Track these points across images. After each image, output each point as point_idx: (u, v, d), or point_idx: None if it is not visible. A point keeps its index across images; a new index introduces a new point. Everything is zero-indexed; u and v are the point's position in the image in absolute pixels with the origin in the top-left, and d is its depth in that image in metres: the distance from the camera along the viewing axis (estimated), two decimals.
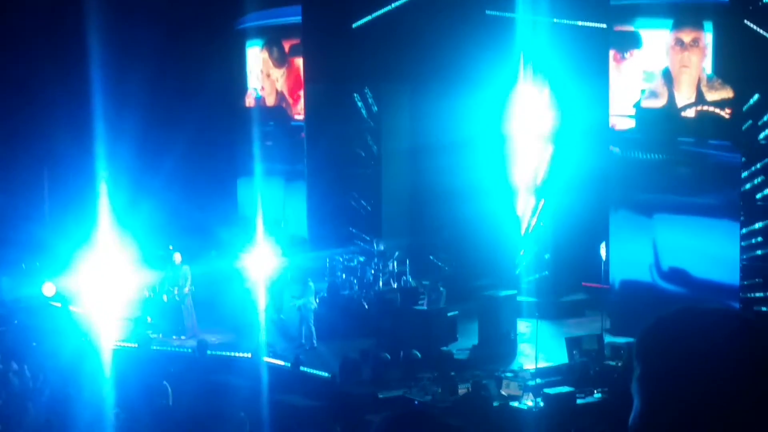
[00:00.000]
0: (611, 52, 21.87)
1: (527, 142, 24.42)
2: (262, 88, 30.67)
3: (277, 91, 30.23)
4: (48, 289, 25.95)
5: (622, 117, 21.80)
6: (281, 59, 30.01)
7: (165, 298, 22.94)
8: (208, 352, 20.93)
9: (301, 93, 29.54)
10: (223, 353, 21.44)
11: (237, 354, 21.33)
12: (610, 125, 22.00)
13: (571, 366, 19.08)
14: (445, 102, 24.69)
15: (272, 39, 30.22)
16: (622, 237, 21.81)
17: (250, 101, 30.99)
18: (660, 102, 21.10)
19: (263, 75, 30.51)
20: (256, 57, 30.66)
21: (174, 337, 22.66)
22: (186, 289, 23.00)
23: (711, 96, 20.26)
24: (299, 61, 29.43)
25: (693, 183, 20.61)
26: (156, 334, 22.69)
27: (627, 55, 21.66)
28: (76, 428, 16.14)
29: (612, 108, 21.93)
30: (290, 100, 29.94)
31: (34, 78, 30.80)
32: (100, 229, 27.81)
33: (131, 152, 29.86)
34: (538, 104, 24.13)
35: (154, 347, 21.49)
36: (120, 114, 29.82)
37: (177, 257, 23.14)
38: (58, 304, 25.29)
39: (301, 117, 29.55)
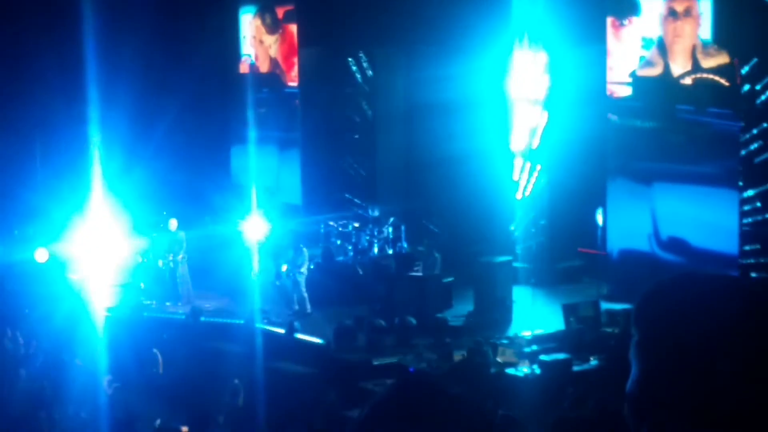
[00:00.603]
0: (610, 19, 21.66)
1: (523, 107, 24.25)
2: (256, 56, 30.43)
3: (270, 57, 30.01)
4: (41, 255, 25.82)
5: (620, 84, 21.62)
6: (273, 25, 29.78)
7: (160, 263, 22.73)
8: (202, 318, 20.84)
9: (295, 59, 29.29)
10: (217, 320, 21.34)
11: (231, 321, 21.23)
12: (607, 92, 21.82)
13: (567, 333, 19.01)
14: (440, 66, 24.49)
15: (265, 5, 29.97)
16: (620, 205, 21.68)
17: (244, 68, 30.76)
18: (656, 71, 20.94)
19: (256, 41, 30.29)
20: (249, 23, 30.42)
21: (168, 303, 22.55)
22: (179, 256, 22.80)
23: (707, 63, 20.09)
24: (293, 28, 29.17)
25: (691, 151, 20.47)
26: (149, 301, 22.57)
27: (626, 22, 21.47)
28: (69, 394, 16.06)
29: (610, 75, 21.75)
30: (284, 67, 29.69)
31: (25, 44, 30.58)
32: (93, 195, 27.68)
33: (124, 119, 29.69)
34: (534, 69, 23.94)
35: (147, 314, 21.37)
36: (113, 80, 29.62)
37: (173, 223, 22.94)
38: (52, 271, 25.17)
39: (295, 84, 29.31)
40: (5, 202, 30.28)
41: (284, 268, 22.70)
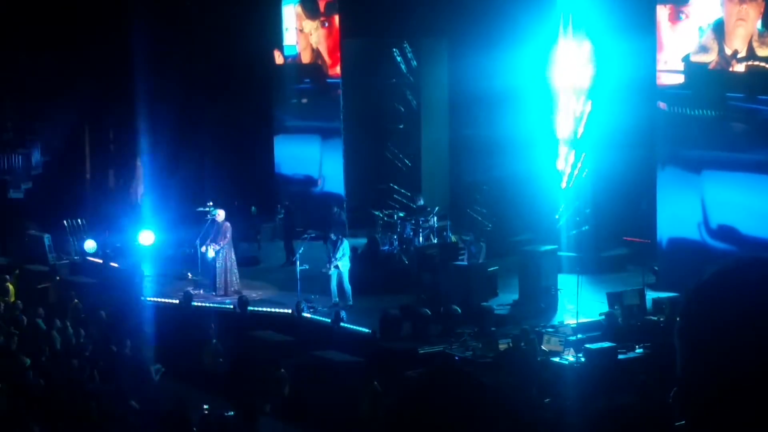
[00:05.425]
0: (663, 8, 21.48)
1: (567, 96, 24.18)
2: (299, 46, 30.48)
3: (312, 47, 30.05)
4: (90, 245, 26.16)
5: (670, 72, 21.43)
6: (314, 11, 29.79)
7: (211, 252, 22.76)
8: (249, 308, 20.98)
9: (337, 50, 29.24)
10: (264, 309, 21.49)
11: (277, 310, 21.37)
12: (657, 80, 21.64)
13: (612, 321, 18.94)
14: (484, 56, 24.44)
15: None
16: (670, 194, 21.54)
17: (280, 59, 30.82)
18: (710, 57, 20.72)
19: (297, 30, 30.36)
20: (291, 13, 30.50)
21: (213, 293, 22.74)
22: (216, 246, 22.72)
23: (762, 51, 19.88)
24: (335, 19, 29.15)
25: (743, 139, 20.29)
26: (197, 290, 22.76)
27: (679, 10, 21.28)
28: (118, 384, 16.26)
29: (660, 63, 21.57)
30: (326, 58, 29.68)
31: (77, 39, 31.00)
32: (141, 186, 27.93)
33: (172, 110, 29.97)
34: (579, 58, 23.85)
35: (195, 303, 21.56)
36: (160, 72, 29.93)
37: (220, 214, 23.04)
38: (100, 261, 25.47)
39: (337, 74, 29.30)
40: (56, 194, 30.71)
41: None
